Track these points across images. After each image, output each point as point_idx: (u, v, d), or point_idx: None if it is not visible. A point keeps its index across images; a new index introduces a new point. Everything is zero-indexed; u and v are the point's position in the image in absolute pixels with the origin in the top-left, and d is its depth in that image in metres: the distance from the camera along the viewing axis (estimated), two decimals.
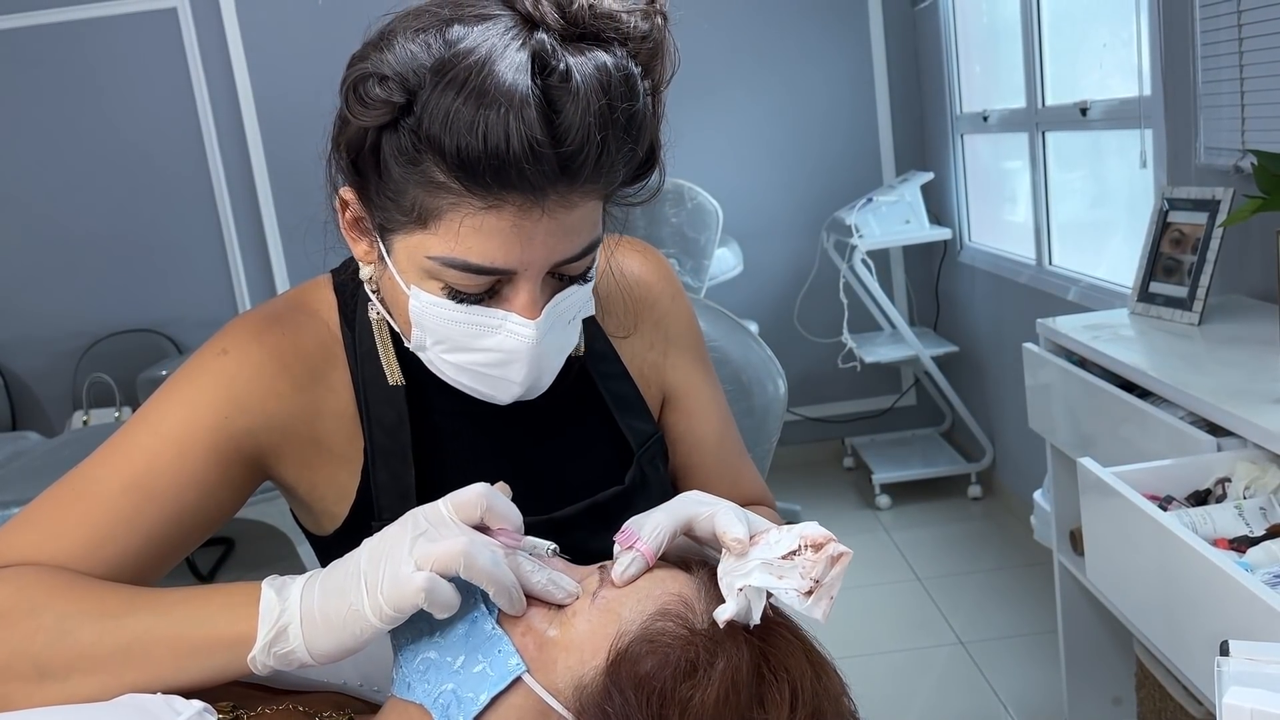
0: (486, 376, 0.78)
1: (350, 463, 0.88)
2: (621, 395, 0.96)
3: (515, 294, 0.75)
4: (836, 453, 4.00)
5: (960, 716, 2.38)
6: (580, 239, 0.75)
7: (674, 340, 1.00)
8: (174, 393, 0.83)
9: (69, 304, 3.82)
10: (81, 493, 0.78)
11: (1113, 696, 2.14)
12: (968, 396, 3.62)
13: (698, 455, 1.02)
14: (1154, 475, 1.39)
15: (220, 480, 0.82)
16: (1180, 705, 1.72)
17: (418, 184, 0.71)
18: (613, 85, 0.71)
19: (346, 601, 0.68)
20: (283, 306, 0.89)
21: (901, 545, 3.27)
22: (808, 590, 0.66)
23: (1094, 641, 2.12)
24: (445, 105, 0.68)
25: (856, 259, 3.43)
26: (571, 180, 0.71)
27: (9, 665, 0.70)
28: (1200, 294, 1.84)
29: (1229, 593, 1.10)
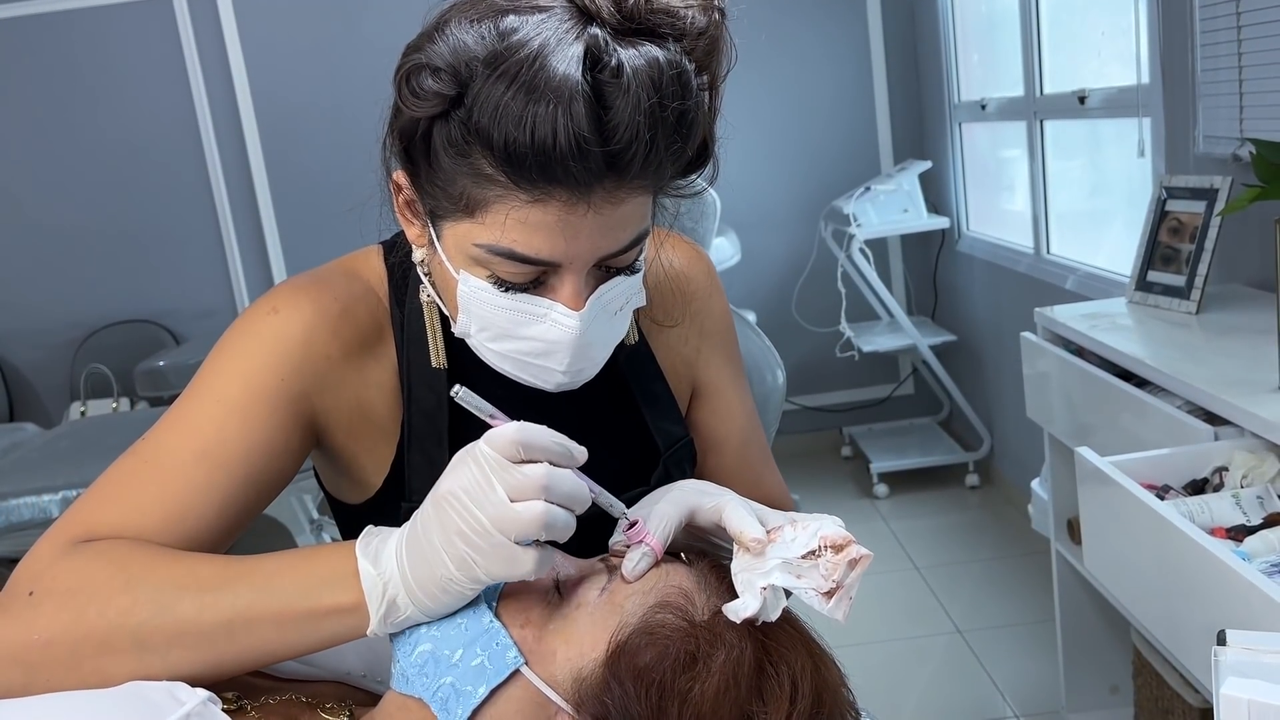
0: (530, 365, 0.79)
1: (390, 436, 0.90)
2: (655, 395, 0.96)
3: (561, 284, 0.76)
4: (834, 442, 4.01)
5: (958, 705, 2.38)
6: (627, 233, 0.75)
7: (708, 337, 1.00)
8: (230, 357, 0.83)
9: (65, 295, 3.81)
10: (156, 466, 0.79)
11: (1110, 685, 2.14)
12: (966, 386, 3.62)
13: (720, 455, 1.02)
14: (1151, 465, 1.39)
15: (284, 444, 0.83)
16: (1177, 694, 1.73)
17: (466, 175, 0.71)
18: (664, 83, 0.70)
19: (443, 569, 0.68)
20: (334, 271, 0.90)
21: (899, 534, 3.28)
22: (828, 591, 0.66)
23: (1091, 630, 2.12)
24: (495, 98, 0.68)
25: (854, 248, 3.42)
26: (619, 177, 0.71)
27: (106, 640, 0.70)
28: (1198, 283, 1.84)
29: (1226, 582, 1.10)
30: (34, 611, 0.71)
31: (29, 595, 0.72)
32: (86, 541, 0.75)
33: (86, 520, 0.77)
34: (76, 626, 0.70)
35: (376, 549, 0.71)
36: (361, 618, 0.70)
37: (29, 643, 0.70)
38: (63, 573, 0.73)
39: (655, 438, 0.96)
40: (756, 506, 0.76)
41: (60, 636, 0.70)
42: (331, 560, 0.72)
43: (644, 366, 0.95)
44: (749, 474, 1.02)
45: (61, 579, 0.72)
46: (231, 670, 0.72)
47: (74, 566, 0.73)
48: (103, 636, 0.70)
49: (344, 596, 0.70)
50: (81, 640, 0.70)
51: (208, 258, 3.81)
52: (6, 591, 0.74)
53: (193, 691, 0.68)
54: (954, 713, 2.36)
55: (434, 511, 0.69)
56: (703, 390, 1.00)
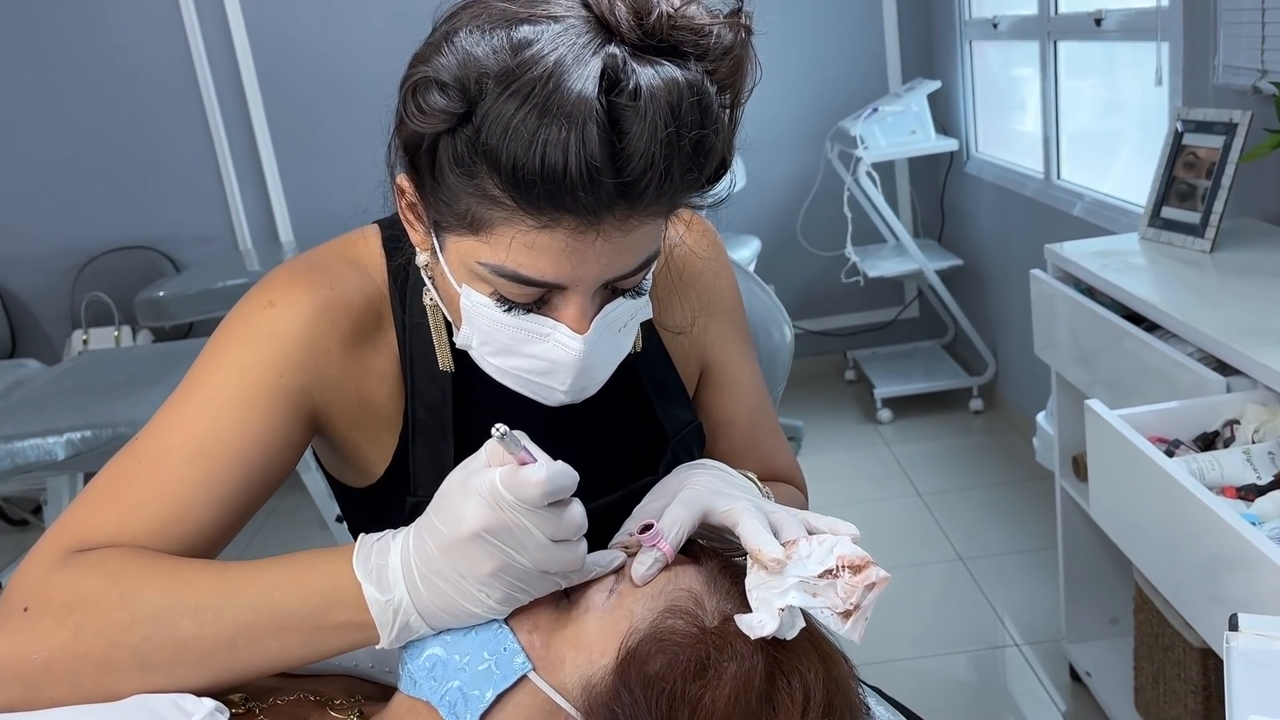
0: (531, 382, 0.77)
1: (392, 425, 0.88)
2: (662, 381, 0.94)
3: (565, 305, 0.73)
4: (838, 366, 4.00)
5: (958, 632, 2.42)
6: (637, 256, 0.73)
7: (715, 315, 0.98)
8: (225, 352, 0.81)
9: (62, 220, 3.77)
10: (152, 467, 0.77)
11: (1110, 616, 2.17)
12: (971, 310, 3.60)
13: (729, 433, 1.00)
14: (1161, 418, 1.38)
15: (283, 440, 0.82)
16: (1178, 633, 1.75)
17: (471, 194, 0.68)
18: (683, 109, 0.66)
19: (477, 604, 0.68)
20: (330, 257, 0.87)
21: (902, 459, 3.29)
22: (844, 612, 0.66)
23: (1093, 563, 2.14)
24: (505, 119, 0.64)
25: (861, 171, 3.37)
26: (630, 206, 0.68)
27: (107, 657, 0.69)
28: (1213, 221, 1.81)
29: (1234, 548, 1.10)
30: (31, 628, 0.70)
31: (24, 611, 0.71)
32: (81, 551, 0.74)
33: (81, 527, 0.75)
34: (75, 645, 0.69)
35: (377, 569, 0.70)
36: (371, 634, 0.70)
37: (29, 660, 0.69)
38: (57, 587, 0.72)
39: (663, 424, 0.94)
40: (769, 507, 0.75)
41: (59, 654, 0.69)
42: (331, 575, 0.71)
43: (651, 351, 0.93)
44: (757, 451, 1.00)
45: (56, 593, 0.71)
46: (236, 681, 0.72)
47: (67, 580, 0.72)
48: (102, 655, 0.69)
49: (351, 615, 0.70)
50: (81, 658, 0.69)
51: (204, 183, 3.76)
52: (2, 606, 0.72)
53: (199, 702, 0.68)
54: (954, 640, 2.39)
55: (464, 558, 0.67)
56: (711, 370, 0.99)
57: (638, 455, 0.94)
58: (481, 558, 0.67)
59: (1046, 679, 2.22)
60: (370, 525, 0.95)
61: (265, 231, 3.81)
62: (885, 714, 0.83)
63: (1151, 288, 1.70)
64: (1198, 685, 1.70)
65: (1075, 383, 1.91)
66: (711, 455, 0.99)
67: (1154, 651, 1.86)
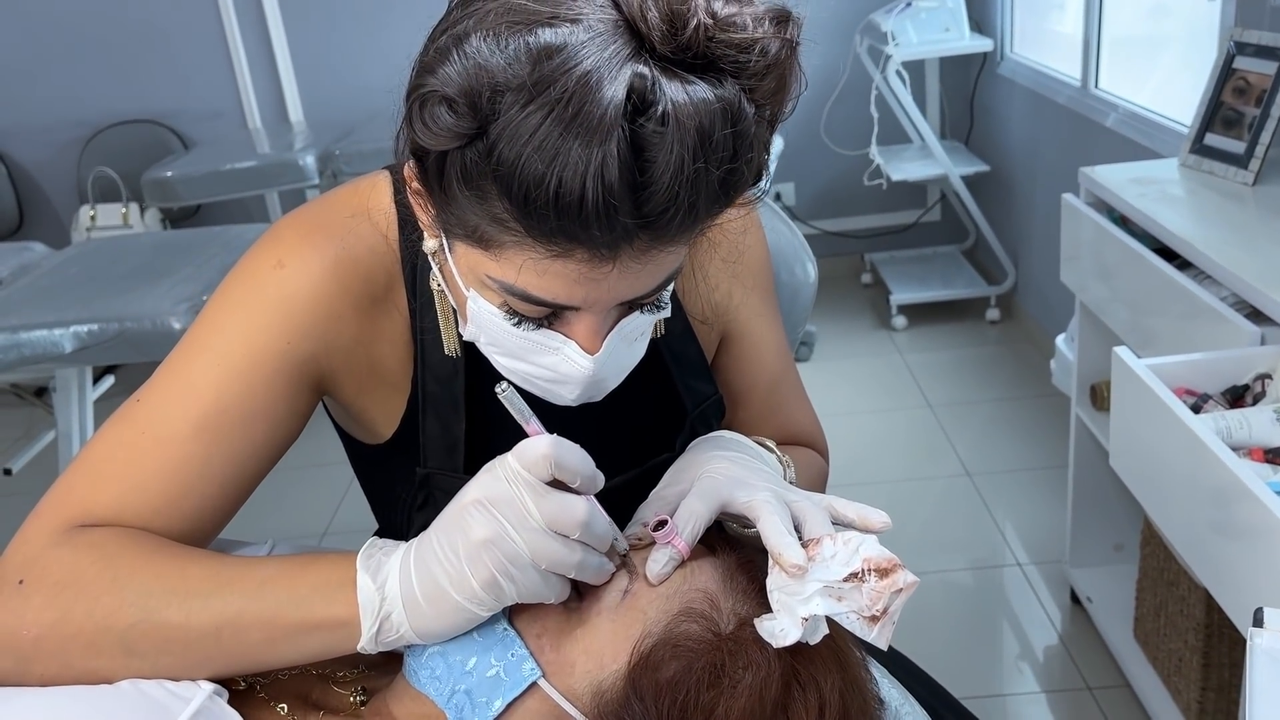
0: (538, 386, 0.73)
1: (401, 389, 0.85)
2: (682, 354, 0.90)
3: (577, 322, 0.69)
4: (855, 268, 3.94)
5: (960, 549, 2.43)
6: (655, 279, 0.67)
7: (741, 278, 0.93)
8: (232, 313, 0.78)
9: (67, 89, 3.68)
10: (155, 439, 0.75)
11: (1115, 543, 2.17)
12: (994, 217, 3.52)
13: (748, 400, 0.97)
14: (1191, 369, 1.34)
15: (287, 410, 0.79)
16: (1182, 570, 1.74)
17: (480, 213, 0.63)
18: (715, 140, 0.59)
19: (463, 589, 0.65)
20: (340, 211, 0.82)
21: (914, 368, 3.26)
22: (871, 616, 0.63)
23: (1103, 489, 2.13)
24: (519, 140, 0.58)
25: (891, 70, 3.25)
26: (651, 240, 0.62)
27: (94, 641, 0.68)
28: (1259, 152, 1.73)
29: (1259, 519, 1.07)
30: (24, 603, 0.68)
31: (19, 584, 0.69)
32: (81, 527, 0.72)
33: (83, 501, 0.73)
34: (64, 625, 0.68)
35: (379, 562, 0.68)
36: (352, 633, 0.67)
37: (19, 635, 0.68)
38: (54, 563, 0.70)
39: (683, 398, 0.91)
40: (791, 496, 0.72)
41: (48, 633, 0.68)
42: (330, 569, 0.69)
43: (672, 323, 0.89)
44: (777, 417, 0.97)
45: (52, 570, 0.69)
46: (223, 674, 0.70)
47: (64, 558, 0.70)
48: (90, 638, 0.68)
49: (337, 609, 0.67)
50: (69, 639, 0.68)
51: (212, 57, 3.65)
52: None
53: (197, 686, 0.67)
54: (956, 556, 2.40)
55: (457, 527, 0.65)
56: (734, 335, 0.94)
57: (655, 431, 0.91)
58: (475, 524, 0.65)
59: (1047, 600, 2.23)
60: (379, 482, 0.93)
61: (275, 110, 3.72)
62: (897, 695, 0.82)
63: (1188, 222, 1.64)
64: (1200, 623, 1.71)
65: (1100, 315, 1.87)
66: (731, 422, 0.96)
67: (1158, 585, 1.86)
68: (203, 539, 0.77)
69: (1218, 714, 1.75)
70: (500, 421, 0.86)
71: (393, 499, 0.90)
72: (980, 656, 2.13)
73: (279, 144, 3.33)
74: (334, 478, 2.75)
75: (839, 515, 0.72)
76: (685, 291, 0.90)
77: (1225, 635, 1.70)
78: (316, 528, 2.72)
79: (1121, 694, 1.97)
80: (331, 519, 2.75)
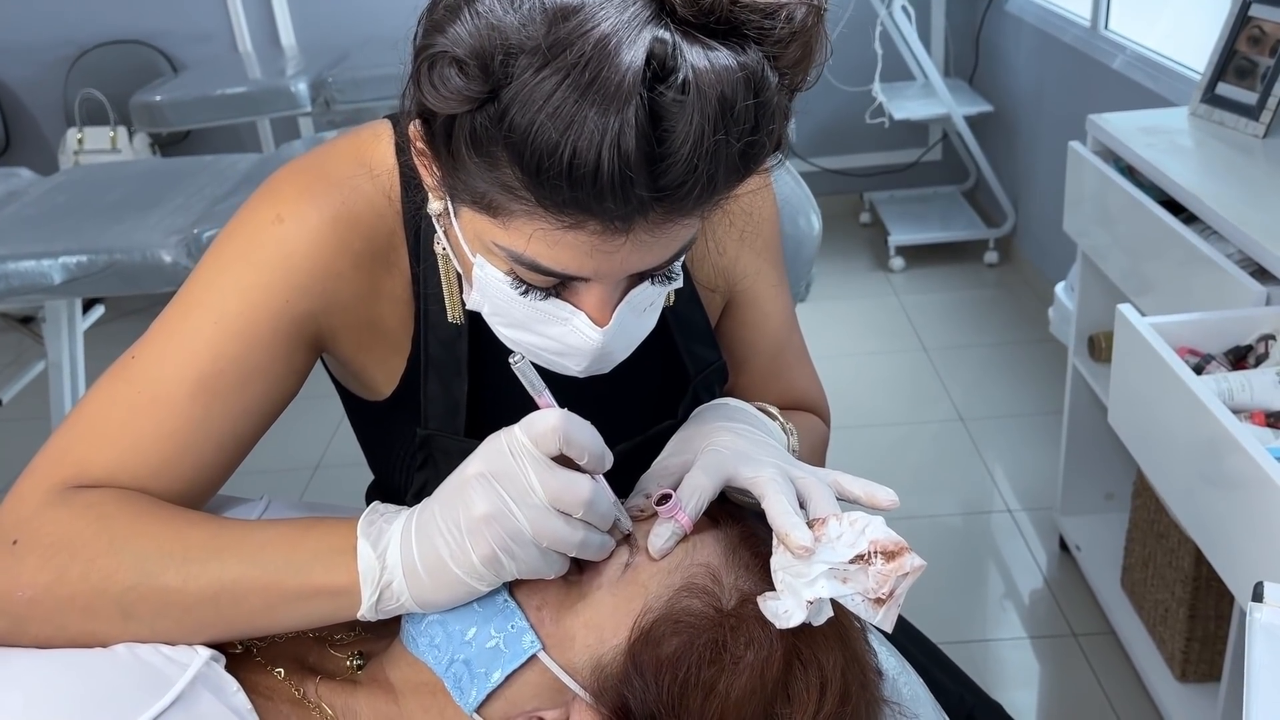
0: (544, 358, 0.71)
1: (401, 348, 0.84)
2: (687, 320, 0.88)
3: (587, 293, 0.66)
4: (854, 207, 3.90)
5: (951, 494, 2.44)
6: (669, 251, 0.65)
7: (749, 240, 0.90)
8: (229, 269, 0.76)
9: (54, 8, 3.58)
10: (151, 398, 0.73)
11: (1106, 492, 2.18)
12: (996, 158, 3.48)
13: (751, 365, 0.95)
14: (1194, 328, 1.33)
15: (285, 368, 0.77)
16: (1173, 523, 1.75)
17: (489, 180, 0.60)
18: (736, 110, 0.57)
19: (461, 564, 0.64)
20: (340, 162, 0.79)
21: (910, 310, 3.25)
22: (877, 599, 0.62)
23: (1096, 438, 2.13)
24: (533, 106, 0.55)
25: (896, 5, 3.18)
26: (666, 212, 0.60)
27: (90, 604, 0.66)
28: (1271, 104, 1.70)
29: (1259, 485, 1.07)
30: (18, 564, 0.67)
31: (13, 544, 0.68)
32: (77, 487, 0.71)
33: (79, 461, 0.72)
34: (59, 587, 0.67)
35: (380, 530, 0.67)
36: (352, 600, 0.66)
37: (13, 596, 0.67)
38: (49, 524, 0.69)
39: (686, 364, 0.89)
40: (797, 472, 0.70)
41: (43, 595, 0.67)
42: (331, 535, 0.68)
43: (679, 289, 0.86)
44: (779, 382, 0.96)
45: (47, 532, 0.68)
46: (222, 639, 0.69)
47: (60, 519, 0.69)
48: (86, 601, 0.67)
49: (337, 576, 0.66)
50: (65, 602, 0.67)
51: None
52: None
53: (193, 651, 0.66)
54: (946, 501, 2.41)
55: (459, 500, 0.64)
56: (740, 299, 0.92)
57: (657, 398, 0.89)
58: (478, 498, 0.63)
59: (1036, 547, 2.25)
60: (376, 437, 0.92)
61: (266, 34, 3.63)
62: (894, 664, 0.82)
63: (1197, 175, 1.61)
64: (1188, 576, 1.72)
65: (1102, 265, 1.85)
66: (734, 387, 0.95)
67: (1148, 536, 1.88)
68: (200, 499, 0.76)
69: (1201, 664, 1.78)
70: (503, 385, 0.84)
71: (391, 456, 0.89)
72: (967, 601, 2.15)
73: (270, 69, 3.26)
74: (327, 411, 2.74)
75: (845, 491, 0.71)
76: (694, 257, 0.88)
77: (1212, 589, 1.72)
78: (310, 460, 2.72)
79: (1106, 641, 1.99)
80: (324, 452, 2.75)
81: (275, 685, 0.70)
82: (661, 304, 0.74)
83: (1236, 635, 1.47)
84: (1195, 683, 1.78)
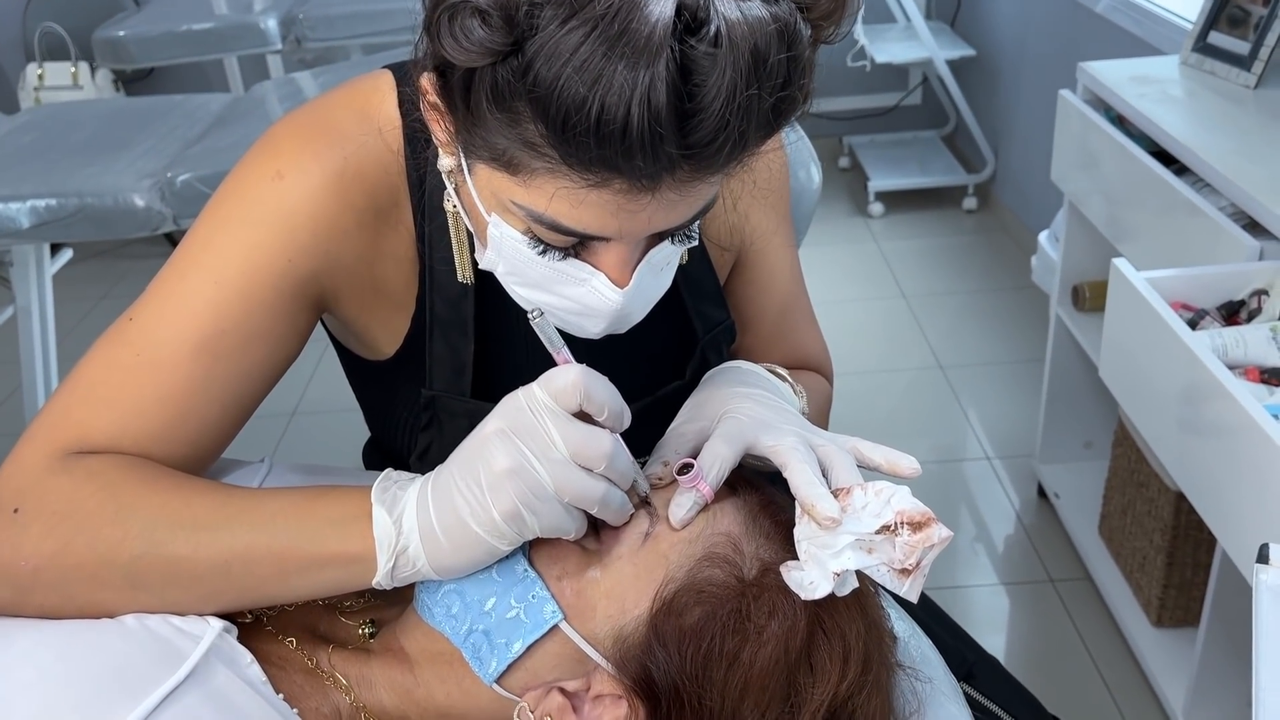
0: (561, 319, 0.70)
1: (405, 307, 0.82)
2: (697, 279, 0.86)
3: (606, 253, 0.65)
4: (833, 151, 3.87)
5: (930, 442, 2.45)
6: (692, 209, 0.63)
7: (760, 198, 0.88)
8: (229, 229, 0.73)
9: None
10: (152, 362, 0.71)
11: (1085, 440, 2.20)
12: (977, 103, 3.45)
13: (759, 325, 0.94)
14: (1189, 283, 1.33)
15: (287, 330, 0.75)
16: (1154, 472, 1.77)
17: (510, 136, 0.58)
18: (769, 64, 0.55)
19: (481, 521, 0.63)
20: (341, 114, 0.76)
21: (890, 256, 3.24)
22: (903, 570, 0.61)
23: (1077, 387, 2.14)
24: (559, 59, 0.53)
25: None
26: (694, 170, 0.58)
27: (97, 574, 0.65)
28: (1264, 54, 1.69)
29: (1255, 439, 1.08)
30: (20, 533, 0.65)
31: (14, 512, 0.66)
32: (79, 454, 0.69)
33: (79, 426, 0.69)
34: (64, 557, 0.65)
35: (395, 495, 0.65)
36: (367, 568, 0.65)
37: (16, 566, 0.65)
38: (51, 492, 0.67)
39: (694, 324, 0.88)
40: (816, 440, 0.69)
41: (47, 564, 0.65)
42: (343, 502, 0.66)
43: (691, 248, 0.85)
44: (786, 342, 0.94)
45: (50, 500, 0.66)
46: (232, 608, 0.68)
47: (63, 487, 0.67)
48: (93, 570, 0.65)
49: (351, 543, 0.65)
50: (71, 571, 0.65)
51: None
52: None
53: (205, 623, 0.65)
54: (924, 448, 2.43)
55: (479, 457, 0.63)
56: (747, 258, 0.91)
57: (665, 358, 0.88)
58: (499, 453, 0.62)
59: (1013, 494, 2.27)
60: (378, 397, 0.90)
61: None
62: (904, 628, 0.82)
63: (1189, 126, 1.60)
64: (1168, 524, 1.75)
65: (1091, 218, 1.84)
66: (740, 346, 0.94)
67: (1127, 485, 1.90)
68: (203, 464, 0.74)
69: (1177, 609, 1.81)
70: (510, 345, 0.82)
71: (393, 416, 0.87)
72: (944, 547, 2.17)
73: (238, 4, 3.16)
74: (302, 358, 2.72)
75: (865, 459, 0.70)
76: (708, 215, 0.86)
77: (1190, 537, 1.75)
78: (285, 407, 2.69)
79: (1083, 587, 2.02)
80: (299, 400, 2.72)
81: (288, 655, 0.68)
82: (677, 263, 0.72)
83: (1217, 583, 1.50)
84: (1170, 628, 1.82)
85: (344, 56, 3.19)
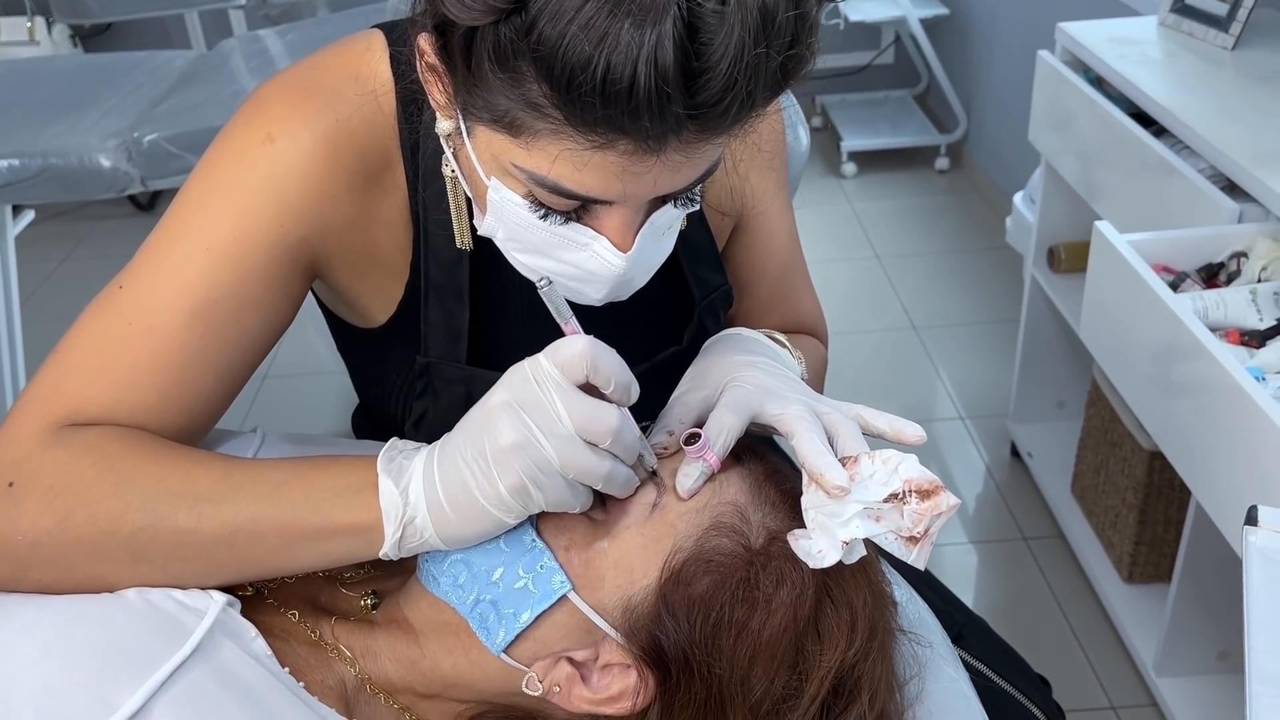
0: (562, 285, 0.68)
1: (398, 274, 0.80)
2: (695, 243, 0.85)
3: (609, 217, 0.63)
4: (806, 111, 3.84)
5: (903, 403, 2.47)
6: (696, 172, 0.62)
7: (757, 159, 0.87)
8: (218, 192, 0.72)
9: None
10: (144, 331, 0.69)
11: (1058, 400, 2.23)
12: (950, 62, 3.45)
13: (756, 289, 0.93)
14: (1170, 246, 1.34)
15: (280, 297, 0.74)
16: (1128, 431, 1.80)
17: (513, 97, 0.57)
18: (778, 23, 0.54)
19: (487, 493, 0.62)
20: (331, 75, 0.74)
21: (862, 216, 3.25)
22: (910, 538, 0.62)
23: (1050, 347, 2.16)
24: (563, 21, 0.52)
25: None
26: (700, 131, 0.57)
27: (98, 546, 0.64)
28: (1241, 15, 1.69)
29: (1238, 401, 1.09)
30: (16, 508, 0.64)
31: (9, 486, 0.65)
32: (73, 426, 0.67)
33: (73, 397, 0.68)
34: (63, 531, 0.63)
35: (400, 466, 0.65)
36: (375, 538, 0.64)
37: (14, 540, 0.64)
38: (47, 465, 0.65)
39: (692, 288, 0.87)
40: (822, 407, 0.69)
41: (46, 539, 0.64)
42: (349, 472, 0.65)
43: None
44: (783, 305, 0.94)
45: (46, 473, 0.65)
46: (235, 580, 0.67)
47: (59, 460, 0.65)
48: (93, 543, 0.64)
49: (358, 514, 0.64)
50: (70, 545, 0.64)
51: None
52: None
53: (207, 597, 0.64)
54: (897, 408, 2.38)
55: (484, 430, 0.62)
56: (747, 221, 0.90)
57: (662, 323, 0.87)
58: (504, 427, 0.61)
59: (986, 454, 2.30)
60: (370, 365, 0.89)
61: None
62: (903, 594, 0.83)
63: (1168, 88, 1.61)
64: (1140, 483, 1.77)
65: (1069, 179, 1.85)
66: (737, 309, 0.93)
67: (1101, 444, 1.92)
68: (198, 434, 0.73)
69: (1148, 566, 1.84)
70: (506, 311, 0.81)
71: (386, 384, 0.86)
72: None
73: None
74: None
75: (869, 426, 0.70)
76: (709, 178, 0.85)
77: (1162, 495, 1.77)
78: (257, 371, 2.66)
79: (1055, 544, 2.06)
80: (270, 363, 2.69)
81: (290, 627, 0.68)
82: (679, 227, 0.71)
83: (1189, 540, 1.52)
84: (1141, 583, 1.85)
85: (310, 13, 3.12)
